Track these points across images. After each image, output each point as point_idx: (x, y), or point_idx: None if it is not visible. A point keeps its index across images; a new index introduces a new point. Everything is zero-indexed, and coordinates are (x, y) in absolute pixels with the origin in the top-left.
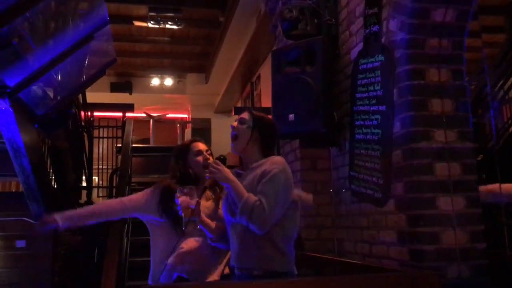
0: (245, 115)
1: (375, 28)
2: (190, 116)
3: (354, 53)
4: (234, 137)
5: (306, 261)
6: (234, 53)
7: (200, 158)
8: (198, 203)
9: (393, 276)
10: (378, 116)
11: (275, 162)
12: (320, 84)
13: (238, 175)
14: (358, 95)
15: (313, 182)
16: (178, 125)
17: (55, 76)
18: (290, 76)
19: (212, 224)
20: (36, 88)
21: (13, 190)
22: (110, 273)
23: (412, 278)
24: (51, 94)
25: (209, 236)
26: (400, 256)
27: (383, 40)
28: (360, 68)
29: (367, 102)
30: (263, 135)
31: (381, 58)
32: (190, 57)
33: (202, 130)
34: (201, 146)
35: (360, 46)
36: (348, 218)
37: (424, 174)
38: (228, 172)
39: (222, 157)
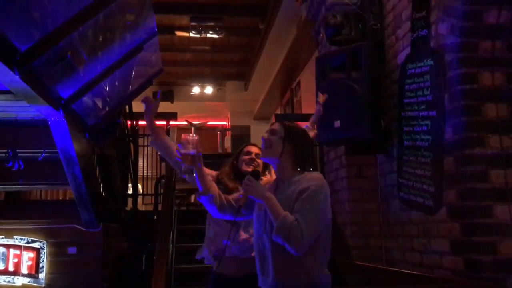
0: (276, 125)
1: (424, 32)
2: (229, 123)
3: (401, 58)
4: (266, 146)
5: (354, 269)
6: (274, 60)
7: (246, 157)
8: (198, 153)
9: (449, 287)
10: (428, 122)
11: (313, 179)
12: (366, 89)
13: (274, 189)
14: (406, 101)
15: (359, 190)
16: (218, 132)
17: (104, 87)
18: (335, 82)
19: (209, 179)
20: (86, 99)
21: (61, 198)
22: (159, 282)
23: None
24: (100, 104)
25: (199, 188)
26: (454, 266)
27: (432, 44)
28: (407, 73)
29: (416, 107)
30: (296, 146)
31: (430, 62)
32: (230, 65)
33: (241, 137)
34: (253, 148)
35: (407, 50)
36: (396, 226)
37: (479, 181)
38: (262, 188)
39: (255, 172)
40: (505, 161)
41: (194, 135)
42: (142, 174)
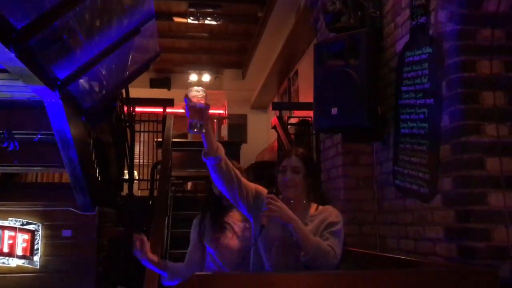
0: (296, 162)
1: (423, 20)
2: (226, 111)
3: (399, 45)
4: (289, 186)
5: (348, 256)
6: (272, 49)
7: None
8: (206, 105)
9: (443, 272)
10: (425, 110)
11: (338, 215)
12: (364, 77)
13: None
14: (403, 88)
15: (355, 177)
16: (215, 120)
17: (101, 70)
18: (333, 69)
19: (214, 139)
20: (83, 82)
21: (56, 181)
22: None
23: (464, 274)
24: (96, 88)
25: (204, 146)
26: (447, 253)
27: (431, 32)
28: (406, 60)
29: (414, 95)
30: (315, 178)
31: (429, 50)
32: (228, 53)
33: (238, 126)
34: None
35: (406, 38)
36: (391, 214)
37: (475, 169)
38: (289, 210)
39: (273, 192)
40: (501, 149)
41: (201, 88)
42: (138, 161)
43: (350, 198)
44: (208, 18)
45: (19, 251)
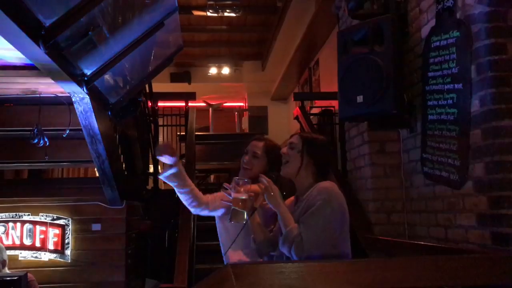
0: (295, 138)
1: (449, 3)
2: (246, 104)
3: (425, 30)
4: (285, 162)
5: (377, 244)
6: (292, 39)
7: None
8: (249, 197)
9: (477, 257)
10: (453, 95)
11: (322, 192)
12: (390, 63)
13: (294, 204)
14: (430, 74)
15: (382, 166)
16: (236, 113)
17: (125, 65)
18: (357, 56)
19: (260, 226)
20: (108, 77)
21: (82, 176)
22: (183, 257)
23: (499, 259)
24: (121, 83)
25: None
26: (480, 240)
27: (458, 15)
28: (432, 45)
29: (441, 80)
30: (315, 158)
31: (456, 34)
32: (247, 45)
33: (258, 118)
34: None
35: (432, 23)
36: (420, 202)
37: (508, 153)
38: (279, 196)
39: (273, 176)
40: None
41: (246, 179)
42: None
43: (378, 187)
44: (227, 10)
45: (50, 246)
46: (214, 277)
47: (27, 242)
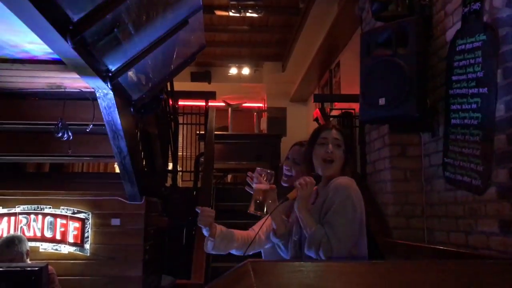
0: (337, 134)
1: (476, 6)
2: (265, 105)
3: (450, 34)
4: (330, 161)
5: (396, 248)
6: (313, 40)
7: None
8: (271, 188)
9: (500, 263)
10: (477, 99)
11: (339, 188)
12: (413, 66)
13: (315, 198)
14: (454, 78)
15: (402, 170)
16: (255, 113)
17: (148, 62)
18: (380, 58)
19: (282, 218)
20: (131, 74)
21: (101, 171)
22: (201, 254)
23: None
24: (143, 80)
25: (273, 227)
26: (503, 246)
27: (485, 18)
28: (457, 49)
29: (465, 84)
30: (350, 156)
31: (483, 37)
32: (268, 46)
33: (277, 119)
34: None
35: (457, 26)
36: (440, 207)
37: None
38: (309, 198)
39: (313, 174)
40: None
41: (268, 171)
42: (181, 153)
43: (397, 190)
44: (250, 11)
45: (70, 239)
46: (234, 273)
47: (48, 234)
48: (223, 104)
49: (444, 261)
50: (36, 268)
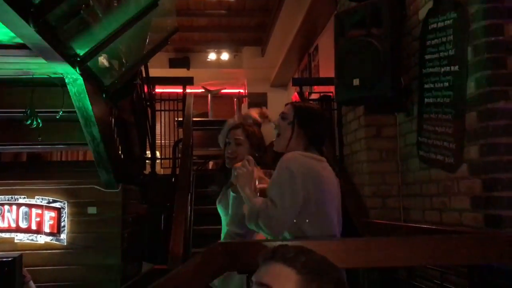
0: (287, 108)
1: None
2: (246, 90)
3: (422, 12)
4: (277, 135)
5: (372, 227)
6: (291, 24)
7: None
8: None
9: (468, 237)
10: (449, 78)
11: (280, 162)
12: (387, 46)
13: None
14: (427, 57)
15: (378, 150)
16: (235, 99)
17: (120, 47)
18: (354, 39)
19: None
20: (102, 59)
21: (80, 159)
22: (178, 240)
23: (492, 238)
24: (116, 65)
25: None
26: (474, 222)
27: None
28: (429, 28)
29: (438, 63)
30: (307, 129)
31: (453, 15)
32: (247, 30)
33: (258, 104)
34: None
35: (429, 5)
36: (415, 186)
37: (502, 136)
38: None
39: (256, 155)
40: None
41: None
42: (159, 141)
43: (374, 171)
44: None
45: (46, 228)
46: (204, 254)
47: (23, 225)
48: (203, 90)
49: (416, 237)
50: (10, 259)
